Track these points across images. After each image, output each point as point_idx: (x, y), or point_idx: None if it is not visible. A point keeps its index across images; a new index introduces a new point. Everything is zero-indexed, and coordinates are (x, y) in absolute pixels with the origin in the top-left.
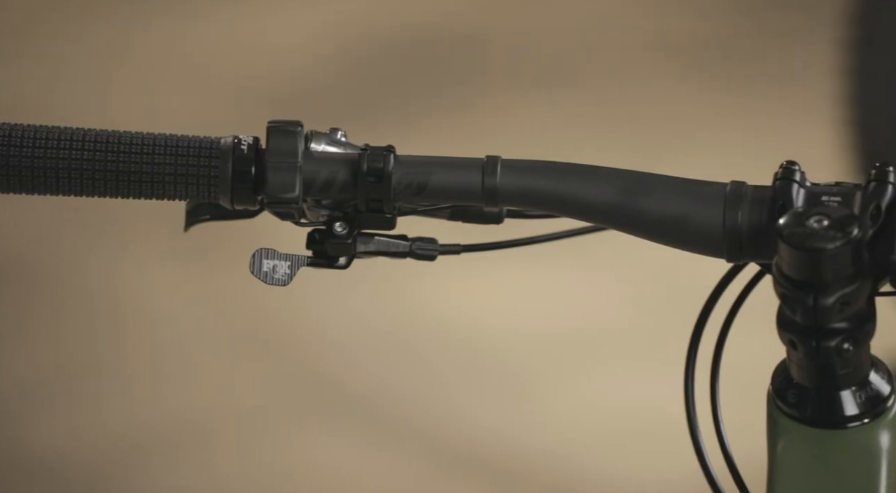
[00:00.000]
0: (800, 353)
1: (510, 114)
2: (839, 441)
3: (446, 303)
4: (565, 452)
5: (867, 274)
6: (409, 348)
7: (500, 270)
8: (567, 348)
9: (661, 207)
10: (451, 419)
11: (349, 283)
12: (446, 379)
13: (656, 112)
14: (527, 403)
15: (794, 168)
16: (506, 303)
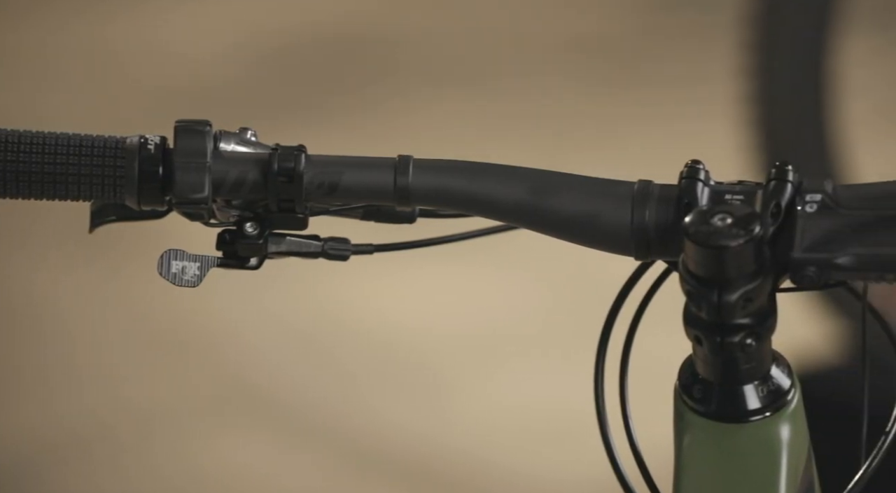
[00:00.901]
0: (705, 348)
1: (422, 113)
2: (742, 435)
3: (359, 303)
4: (478, 451)
5: (768, 271)
6: (321, 348)
7: (413, 269)
8: (480, 348)
9: (570, 206)
10: (364, 418)
11: (263, 284)
12: (359, 379)
13: (566, 111)
14: (440, 402)
15: (698, 167)
16: (419, 303)
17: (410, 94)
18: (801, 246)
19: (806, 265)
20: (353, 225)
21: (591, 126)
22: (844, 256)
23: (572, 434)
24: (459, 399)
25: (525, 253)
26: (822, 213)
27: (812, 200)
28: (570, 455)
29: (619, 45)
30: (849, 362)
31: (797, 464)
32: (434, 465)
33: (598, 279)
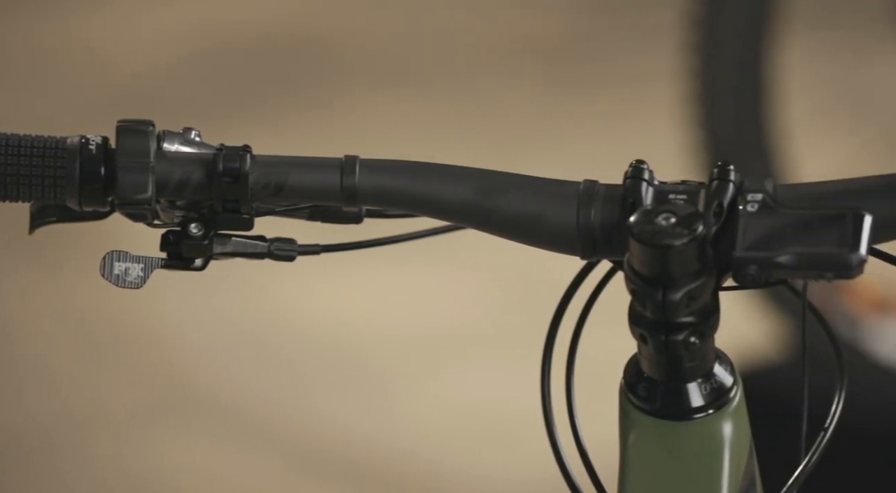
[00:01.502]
0: (650, 347)
1: (369, 113)
2: (686, 432)
3: (306, 304)
4: (425, 451)
5: (711, 270)
6: (267, 349)
7: (359, 270)
8: (427, 348)
9: (516, 205)
10: (311, 419)
11: (209, 285)
12: (306, 380)
13: (511, 111)
14: (387, 403)
15: (642, 167)
16: (366, 303)
17: (356, 94)
18: (743, 245)
19: (748, 264)
20: (299, 226)
21: (537, 126)
22: (785, 254)
23: (519, 434)
24: (406, 400)
25: (472, 253)
26: (762, 212)
27: (753, 200)
28: (516, 455)
29: (563, 46)
30: (789, 360)
31: (740, 461)
32: (381, 465)
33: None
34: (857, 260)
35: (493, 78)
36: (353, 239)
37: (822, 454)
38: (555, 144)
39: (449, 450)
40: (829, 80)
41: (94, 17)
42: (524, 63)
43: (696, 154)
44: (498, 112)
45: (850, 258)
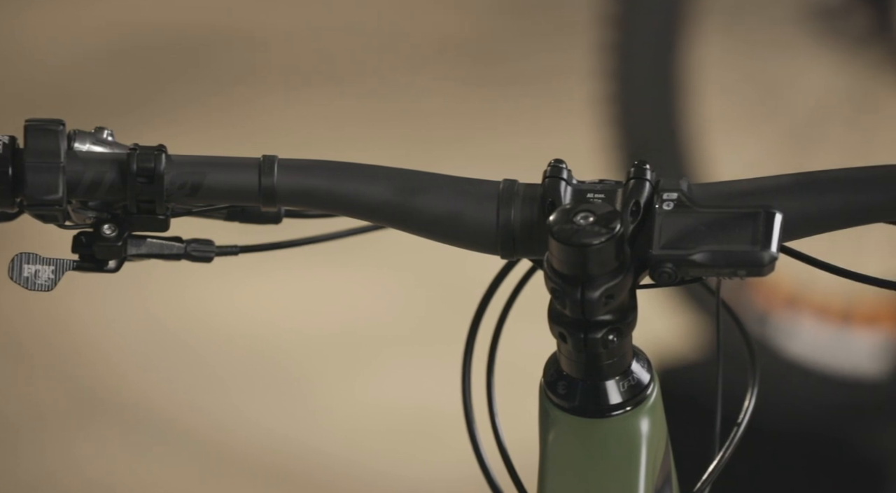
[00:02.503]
0: (569, 345)
1: (287, 112)
2: (604, 429)
3: (225, 305)
4: (344, 452)
5: (629, 268)
6: (186, 350)
7: (279, 270)
8: (346, 348)
9: (436, 205)
10: (231, 420)
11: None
12: (226, 381)
13: (430, 110)
14: (307, 403)
15: (561, 166)
16: (286, 304)
17: (275, 93)
18: (659, 244)
19: (664, 262)
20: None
21: (456, 125)
22: (699, 252)
23: (440, 433)
24: (326, 400)
25: (392, 253)
26: (678, 211)
27: (669, 199)
28: (437, 454)
29: (483, 45)
30: (704, 356)
31: (656, 456)
32: (301, 466)
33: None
34: (769, 258)
35: (414, 76)
36: (272, 239)
37: (735, 449)
38: (474, 143)
39: (368, 450)
40: (743, 78)
41: (8, 14)
42: (444, 62)
43: (613, 153)
44: (418, 111)
45: (762, 256)
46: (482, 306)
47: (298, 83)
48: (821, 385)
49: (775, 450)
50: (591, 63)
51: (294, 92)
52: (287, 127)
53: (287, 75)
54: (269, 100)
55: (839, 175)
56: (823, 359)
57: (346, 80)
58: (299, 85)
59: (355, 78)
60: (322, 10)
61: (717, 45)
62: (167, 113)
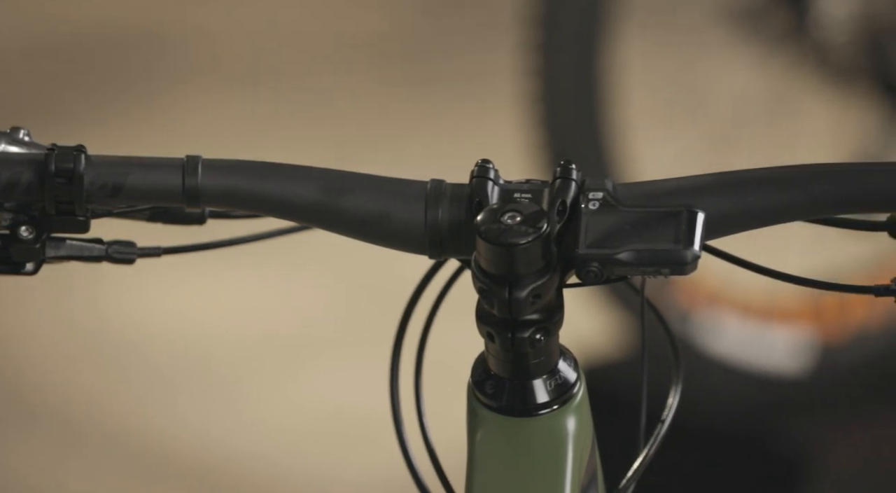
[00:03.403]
0: (496, 345)
1: (209, 114)
2: (532, 428)
3: (147, 307)
4: (272, 455)
5: (556, 267)
6: (110, 354)
7: (204, 272)
8: (273, 350)
9: (363, 205)
10: (157, 423)
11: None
12: (151, 384)
13: (357, 111)
14: (234, 406)
15: (488, 166)
16: (211, 306)
17: (197, 93)
18: (586, 243)
19: (590, 261)
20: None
21: (381, 126)
22: (624, 251)
23: (368, 435)
24: (253, 402)
25: (319, 254)
26: (603, 210)
27: (594, 198)
28: (365, 455)
29: (407, 45)
30: (629, 354)
31: (582, 454)
32: (228, 469)
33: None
34: (692, 256)
35: (338, 76)
36: (197, 240)
37: (659, 446)
38: (400, 144)
39: (296, 453)
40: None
41: None
42: (368, 61)
43: (539, 153)
44: (343, 111)
45: (685, 254)
46: (410, 307)
47: (218, 84)
48: (742, 383)
49: (698, 447)
50: (516, 63)
51: (214, 93)
52: (209, 128)
53: (207, 76)
54: (191, 100)
55: (759, 174)
56: (745, 356)
57: (267, 80)
58: (219, 85)
59: (277, 78)
60: (241, 9)
61: (640, 44)
62: (86, 113)
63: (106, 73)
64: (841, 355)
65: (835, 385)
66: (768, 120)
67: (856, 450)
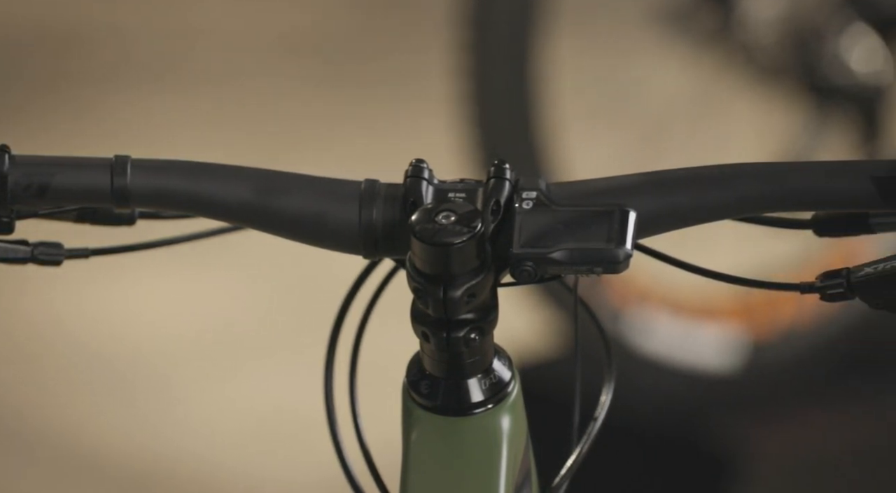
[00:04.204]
0: (431, 344)
1: (138, 114)
2: (467, 427)
3: (76, 310)
4: (207, 456)
5: (490, 267)
6: (36, 357)
7: (134, 273)
8: (206, 351)
9: (297, 205)
10: (89, 426)
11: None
12: (81, 387)
13: (287, 111)
14: (166, 408)
15: (422, 166)
16: (141, 308)
17: (124, 93)
18: (520, 242)
19: (524, 260)
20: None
21: (313, 127)
22: (558, 250)
23: (302, 436)
24: (187, 404)
25: (253, 254)
26: (537, 210)
27: (528, 198)
28: (300, 456)
29: (337, 44)
30: (562, 353)
31: (517, 453)
32: (163, 471)
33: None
34: (624, 255)
35: (267, 78)
36: (126, 241)
37: (593, 443)
38: (332, 144)
39: (230, 454)
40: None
41: None
42: (298, 61)
43: (473, 152)
44: (272, 112)
45: (618, 253)
46: (344, 307)
47: (149, 84)
48: (672, 380)
49: (629, 445)
50: (448, 63)
51: (144, 93)
52: (138, 129)
53: (137, 76)
54: (119, 100)
55: (689, 174)
56: (675, 354)
57: (196, 79)
58: (150, 86)
59: (206, 78)
60: (168, 7)
61: (571, 44)
62: (10, 113)
63: (34, 73)
64: (770, 352)
65: (764, 383)
66: (697, 119)
67: (785, 447)
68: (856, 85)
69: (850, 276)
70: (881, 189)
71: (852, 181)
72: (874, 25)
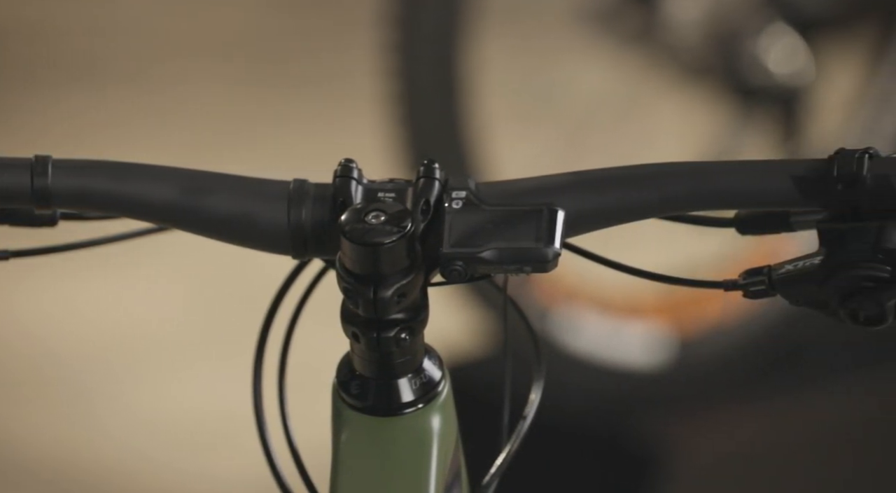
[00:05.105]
0: (362, 345)
1: (59, 112)
2: (397, 427)
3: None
4: (133, 460)
5: (420, 266)
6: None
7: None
8: (131, 354)
9: (224, 205)
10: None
11: None
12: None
13: (213, 111)
14: (88, 410)
15: (351, 166)
16: (63, 310)
17: (44, 91)
18: (449, 242)
19: (454, 260)
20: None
21: (240, 128)
22: (487, 250)
23: (232, 437)
24: (112, 407)
25: (180, 255)
26: (466, 209)
27: (458, 198)
28: (228, 458)
29: (262, 44)
30: (493, 352)
31: (447, 452)
32: (86, 476)
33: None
34: (553, 253)
35: (193, 76)
36: (47, 243)
37: (522, 442)
38: (259, 144)
39: (157, 458)
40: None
41: None
42: (224, 61)
43: (401, 152)
44: (198, 112)
45: (547, 252)
46: (273, 308)
47: (68, 84)
48: (600, 378)
49: (558, 443)
50: (376, 62)
51: (66, 93)
52: (58, 130)
53: (57, 73)
54: (37, 100)
55: (615, 173)
56: (603, 352)
57: (120, 79)
58: (69, 85)
59: (130, 77)
60: (88, 4)
61: (498, 44)
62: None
63: None
64: (695, 349)
65: (691, 380)
66: (622, 119)
67: (712, 444)
68: (776, 85)
69: (772, 273)
70: (800, 188)
71: (772, 180)
72: (795, 26)
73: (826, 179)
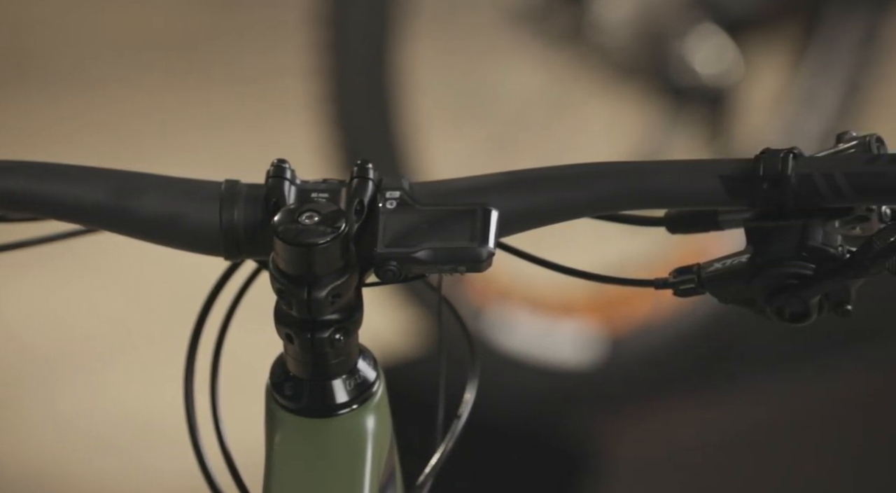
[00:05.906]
0: (296, 346)
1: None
2: (331, 429)
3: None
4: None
5: (355, 267)
6: None
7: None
8: (60, 357)
9: (155, 206)
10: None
11: None
12: None
13: (138, 112)
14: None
15: (284, 166)
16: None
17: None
18: (384, 242)
19: (388, 260)
20: None
21: (170, 130)
22: (422, 250)
23: (163, 439)
24: (41, 411)
25: (108, 256)
26: (401, 209)
27: (392, 198)
28: (159, 461)
29: (189, 43)
30: (427, 351)
31: (382, 453)
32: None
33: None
34: (487, 253)
35: (120, 78)
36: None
37: (457, 442)
38: (188, 145)
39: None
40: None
41: None
42: (149, 61)
43: (334, 152)
44: (123, 113)
45: (481, 252)
46: (205, 310)
47: None
48: (532, 377)
49: (491, 442)
50: (307, 62)
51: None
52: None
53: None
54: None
55: (548, 173)
56: (535, 351)
57: (45, 81)
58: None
59: (52, 77)
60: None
61: (429, 44)
62: None
63: None
64: (627, 347)
65: (622, 378)
66: (552, 118)
67: (643, 441)
68: (703, 85)
69: (701, 271)
70: (727, 187)
71: (701, 180)
72: (723, 26)
73: (752, 178)
